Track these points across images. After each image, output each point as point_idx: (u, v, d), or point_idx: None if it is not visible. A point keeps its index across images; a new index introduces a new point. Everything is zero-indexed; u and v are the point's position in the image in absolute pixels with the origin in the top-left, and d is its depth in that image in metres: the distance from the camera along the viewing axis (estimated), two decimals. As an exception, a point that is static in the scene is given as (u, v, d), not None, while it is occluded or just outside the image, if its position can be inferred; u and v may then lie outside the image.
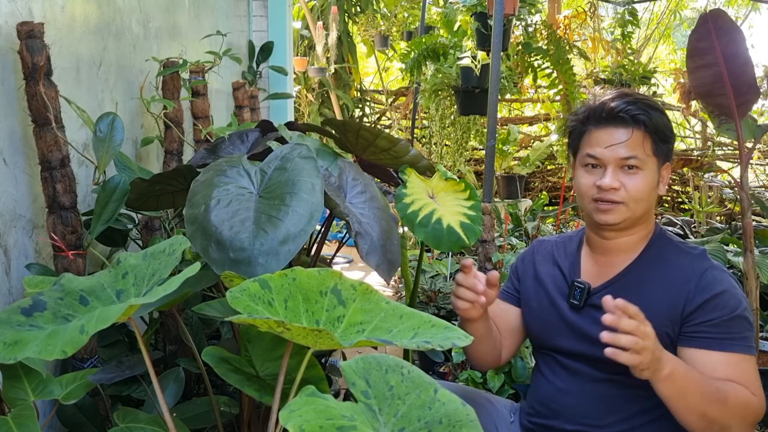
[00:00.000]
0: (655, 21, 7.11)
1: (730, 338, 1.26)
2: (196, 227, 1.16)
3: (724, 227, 3.69)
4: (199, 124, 2.22)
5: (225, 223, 1.16)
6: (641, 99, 1.36)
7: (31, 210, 1.44)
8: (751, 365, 1.27)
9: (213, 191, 1.21)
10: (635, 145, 1.32)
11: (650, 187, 1.34)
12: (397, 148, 1.55)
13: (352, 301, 0.99)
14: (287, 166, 1.28)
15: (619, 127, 1.33)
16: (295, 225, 1.17)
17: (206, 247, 1.14)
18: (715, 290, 1.28)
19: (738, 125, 2.62)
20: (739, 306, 1.28)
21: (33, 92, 1.34)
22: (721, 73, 2.55)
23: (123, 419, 1.17)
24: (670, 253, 1.36)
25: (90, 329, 0.79)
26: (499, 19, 2.61)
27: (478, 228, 1.56)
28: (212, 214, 1.17)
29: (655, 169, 1.34)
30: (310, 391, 0.76)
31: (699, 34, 2.59)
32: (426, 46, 4.11)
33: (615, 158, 1.32)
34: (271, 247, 1.14)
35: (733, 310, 1.27)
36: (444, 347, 0.95)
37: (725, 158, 6.03)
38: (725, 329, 1.26)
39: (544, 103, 6.05)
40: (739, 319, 1.27)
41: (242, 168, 1.29)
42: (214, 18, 2.86)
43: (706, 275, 1.31)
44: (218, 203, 1.19)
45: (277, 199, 1.21)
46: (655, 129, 1.33)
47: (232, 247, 1.12)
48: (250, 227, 1.16)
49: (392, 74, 7.80)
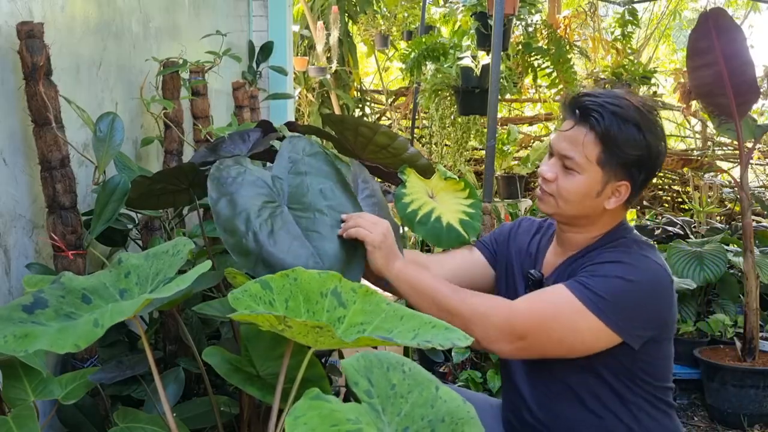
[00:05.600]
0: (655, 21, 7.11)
1: (580, 282, 1.23)
2: (254, 259, 1.15)
3: (724, 227, 3.69)
4: (199, 124, 2.21)
5: (285, 252, 1.17)
6: (610, 102, 1.25)
7: (31, 210, 1.43)
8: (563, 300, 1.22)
9: (250, 216, 1.19)
10: (575, 143, 1.26)
11: (583, 194, 1.28)
12: (395, 144, 1.54)
13: (353, 303, 0.99)
14: (301, 168, 1.29)
15: (571, 119, 1.28)
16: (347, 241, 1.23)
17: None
18: (606, 260, 1.26)
19: (738, 125, 2.62)
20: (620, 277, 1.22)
21: (33, 92, 1.34)
22: (721, 73, 2.55)
23: (123, 419, 1.17)
24: (614, 250, 1.30)
25: (105, 323, 0.79)
26: (499, 19, 2.61)
27: (477, 224, 1.56)
28: (267, 244, 1.16)
29: (598, 180, 1.26)
30: (314, 393, 0.76)
31: (699, 33, 2.60)
32: (426, 46, 4.11)
33: (557, 149, 1.29)
34: (341, 265, 1.18)
35: (607, 272, 1.23)
36: (444, 346, 0.95)
37: (725, 158, 6.03)
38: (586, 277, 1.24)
39: (545, 102, 6.05)
40: (607, 280, 1.22)
41: (257, 178, 1.26)
42: (214, 18, 2.85)
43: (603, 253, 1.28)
44: (262, 229, 1.17)
45: (314, 212, 1.24)
46: (604, 135, 1.23)
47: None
48: (310, 251, 1.19)
49: (392, 74, 7.80)
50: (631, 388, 1.28)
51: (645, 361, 1.27)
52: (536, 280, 1.37)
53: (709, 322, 2.96)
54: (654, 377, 1.30)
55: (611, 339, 1.23)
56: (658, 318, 1.28)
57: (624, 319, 1.23)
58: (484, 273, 1.51)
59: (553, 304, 1.24)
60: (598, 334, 1.22)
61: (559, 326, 1.23)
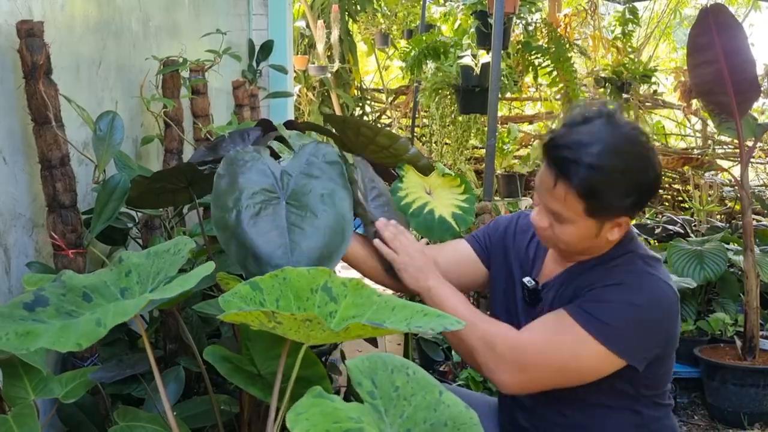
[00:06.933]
0: (656, 20, 7.10)
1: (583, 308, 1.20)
2: (229, 235, 1.17)
3: (724, 226, 3.69)
4: (199, 123, 2.21)
5: (260, 234, 1.17)
6: (589, 151, 1.14)
7: (31, 209, 1.43)
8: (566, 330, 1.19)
9: (242, 194, 1.21)
10: (559, 199, 1.19)
11: (582, 237, 1.23)
12: (396, 145, 1.54)
13: (344, 297, 0.99)
14: (313, 172, 1.29)
15: (550, 171, 1.19)
16: (329, 243, 1.20)
17: (243, 260, 1.16)
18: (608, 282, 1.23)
19: (738, 124, 2.61)
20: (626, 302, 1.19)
21: (33, 91, 1.34)
22: (721, 70, 2.54)
23: (123, 418, 1.17)
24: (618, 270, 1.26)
25: (108, 323, 0.79)
26: (499, 18, 2.61)
27: (470, 218, 1.57)
28: (245, 223, 1.18)
29: (593, 226, 1.21)
30: (317, 392, 0.76)
31: (699, 29, 2.58)
32: (426, 45, 4.10)
33: (543, 202, 1.24)
34: (309, 264, 1.16)
35: (610, 298, 1.20)
36: (436, 330, 0.95)
37: (725, 157, 6.02)
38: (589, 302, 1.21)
39: (545, 101, 6.05)
40: (612, 306, 1.19)
41: (267, 167, 1.27)
42: (214, 16, 2.85)
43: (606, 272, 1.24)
44: (248, 209, 1.19)
45: (308, 211, 1.23)
46: (586, 192, 1.15)
47: (270, 263, 1.15)
48: (285, 240, 1.18)
49: (392, 72, 7.79)
50: (632, 399, 1.27)
51: (647, 377, 1.25)
52: (531, 290, 1.33)
53: (709, 321, 2.95)
54: (655, 389, 1.29)
55: (616, 365, 1.20)
56: (664, 338, 1.26)
57: (630, 346, 1.20)
58: (474, 269, 1.47)
59: (554, 332, 1.21)
60: (601, 360, 1.20)
61: (560, 356, 1.20)
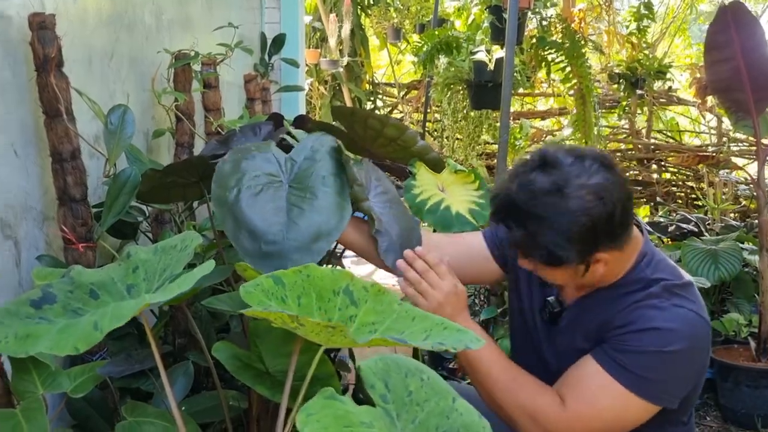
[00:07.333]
0: (671, 15, 7.02)
1: (621, 364, 1.17)
2: (225, 210, 1.16)
3: (739, 225, 3.64)
4: (210, 117, 2.21)
5: (257, 212, 1.16)
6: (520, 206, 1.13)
7: (42, 202, 1.43)
8: (608, 394, 1.17)
9: (244, 175, 1.21)
10: (524, 262, 1.22)
11: (567, 279, 1.22)
12: (404, 137, 1.53)
13: (364, 302, 0.98)
14: (316, 157, 1.29)
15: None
16: (326, 222, 1.18)
17: (237, 235, 1.14)
18: (634, 326, 1.19)
19: (756, 121, 2.58)
20: (659, 350, 1.16)
21: (44, 84, 1.34)
22: (739, 68, 2.51)
23: (131, 413, 1.17)
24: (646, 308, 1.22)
25: (104, 326, 0.79)
26: (513, 13, 2.58)
27: (486, 212, 1.56)
28: (243, 200, 1.17)
29: (571, 269, 1.18)
30: (328, 393, 0.75)
31: (717, 26, 2.55)
32: (439, 39, 4.07)
33: (519, 261, 1.25)
34: (303, 242, 1.14)
35: (646, 347, 1.17)
36: (457, 349, 0.95)
37: (740, 154, 5.95)
38: (625, 354, 1.18)
39: (558, 97, 6.00)
40: (646, 356, 1.17)
41: (272, 155, 1.29)
42: (226, 9, 2.84)
43: (635, 311, 1.21)
44: (249, 189, 1.19)
45: (308, 192, 1.22)
46: (532, 249, 1.15)
47: (265, 239, 1.12)
48: (282, 219, 1.17)
49: (404, 67, 7.76)
50: (661, 422, 1.25)
51: (678, 409, 1.25)
52: (555, 312, 1.31)
53: (723, 321, 2.92)
54: (684, 413, 1.29)
55: (655, 410, 1.21)
56: (699, 374, 1.25)
57: (670, 393, 1.21)
58: (485, 266, 1.45)
59: (600, 402, 1.19)
60: (645, 414, 1.20)
61: (605, 423, 1.20)
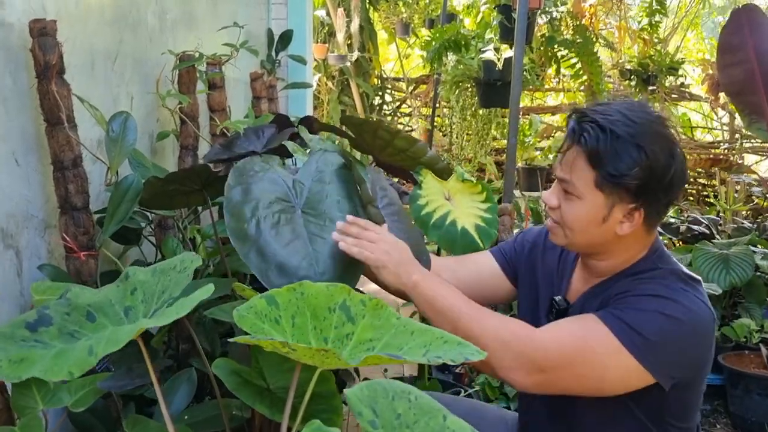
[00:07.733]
0: (683, 9, 6.93)
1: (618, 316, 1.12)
2: (249, 245, 1.14)
3: (751, 226, 3.59)
4: (215, 118, 2.19)
5: (282, 245, 1.15)
6: (604, 116, 1.13)
7: (44, 210, 1.42)
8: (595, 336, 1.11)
9: (258, 203, 1.19)
10: (569, 166, 1.17)
11: (587, 220, 1.16)
12: (414, 149, 1.51)
13: (362, 318, 0.96)
14: (325, 179, 1.29)
15: (568, 138, 1.18)
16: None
17: (265, 271, 1.13)
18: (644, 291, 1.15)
19: (770, 125, 2.53)
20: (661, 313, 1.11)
21: (45, 91, 1.32)
22: (753, 70, 2.48)
23: (132, 427, 1.16)
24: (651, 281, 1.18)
25: (99, 351, 0.77)
26: (523, 14, 2.55)
27: (493, 231, 1.52)
28: (265, 232, 1.15)
29: (600, 204, 1.14)
30: (315, 426, 0.73)
31: (731, 28, 2.52)
32: (448, 37, 4.03)
33: (555, 173, 1.21)
34: (336, 273, 1.15)
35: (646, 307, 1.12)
36: (456, 362, 0.93)
37: (753, 151, 5.88)
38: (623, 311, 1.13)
39: (568, 92, 5.94)
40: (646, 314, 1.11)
41: (279, 177, 1.27)
42: (232, 6, 2.81)
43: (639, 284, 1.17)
44: (267, 219, 1.17)
45: (326, 219, 1.22)
46: (594, 155, 1.12)
47: (297, 274, 1.12)
48: (307, 250, 1.17)
49: (413, 61, 7.71)
50: (657, 427, 1.21)
51: (674, 404, 1.18)
52: (561, 310, 1.26)
53: (733, 327, 2.88)
54: (682, 420, 1.22)
55: (643, 380, 1.12)
56: (696, 362, 1.18)
57: (661, 360, 1.12)
58: (499, 285, 1.43)
59: (583, 337, 1.13)
60: (629, 373, 1.11)
61: (586, 362, 1.13)
